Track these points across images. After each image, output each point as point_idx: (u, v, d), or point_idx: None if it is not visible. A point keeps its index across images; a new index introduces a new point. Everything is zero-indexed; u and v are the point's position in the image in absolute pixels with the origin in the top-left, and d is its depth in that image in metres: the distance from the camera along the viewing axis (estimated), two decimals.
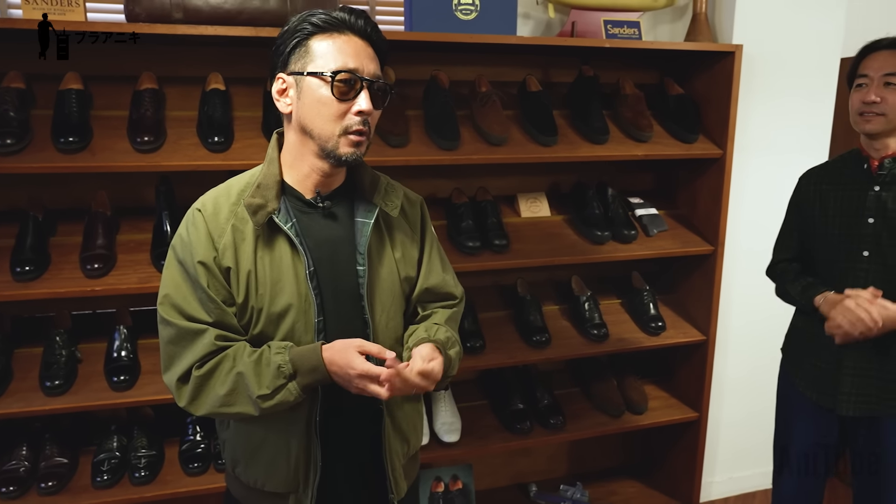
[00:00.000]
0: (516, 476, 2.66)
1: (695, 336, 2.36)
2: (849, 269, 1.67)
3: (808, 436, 1.84)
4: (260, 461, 1.20)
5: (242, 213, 1.14)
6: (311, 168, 1.16)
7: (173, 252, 1.16)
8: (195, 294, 1.12)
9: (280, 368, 1.10)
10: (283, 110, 1.14)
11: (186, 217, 1.16)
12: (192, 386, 1.12)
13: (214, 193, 1.18)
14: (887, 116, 1.58)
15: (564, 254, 2.15)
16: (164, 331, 1.15)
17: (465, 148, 2.00)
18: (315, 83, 1.09)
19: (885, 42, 1.61)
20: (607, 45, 2.02)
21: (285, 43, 1.11)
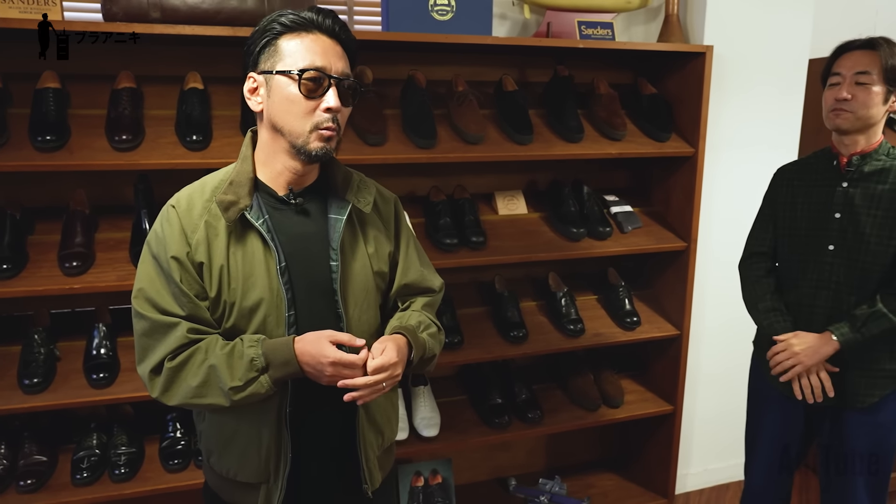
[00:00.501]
0: (496, 470, 2.70)
1: (669, 331, 2.41)
2: (815, 263, 1.73)
3: (775, 427, 1.89)
4: (232, 452, 1.23)
5: (215, 209, 1.16)
6: (283, 165, 1.19)
7: (148, 247, 1.19)
8: (168, 288, 1.15)
9: (253, 361, 1.12)
10: (255, 108, 1.17)
11: (161, 213, 1.19)
12: (164, 377, 1.15)
13: (189, 190, 1.21)
14: (857, 113, 1.63)
15: (541, 250, 2.18)
16: (137, 324, 1.18)
17: (442, 146, 2.03)
18: (284, 81, 1.12)
19: (858, 43, 1.67)
20: (581, 45, 2.07)
21: (255, 43, 1.14)
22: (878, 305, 1.63)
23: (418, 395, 2.29)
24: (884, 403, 1.71)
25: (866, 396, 1.70)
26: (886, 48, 1.62)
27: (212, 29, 1.69)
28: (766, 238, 1.86)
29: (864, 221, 1.65)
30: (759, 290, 1.84)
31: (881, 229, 1.63)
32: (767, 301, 1.81)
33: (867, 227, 1.64)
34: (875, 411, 1.71)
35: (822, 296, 1.72)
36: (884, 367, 1.69)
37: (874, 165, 1.66)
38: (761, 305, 1.82)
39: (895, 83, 1.62)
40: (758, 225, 1.90)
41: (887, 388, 1.70)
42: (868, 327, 1.63)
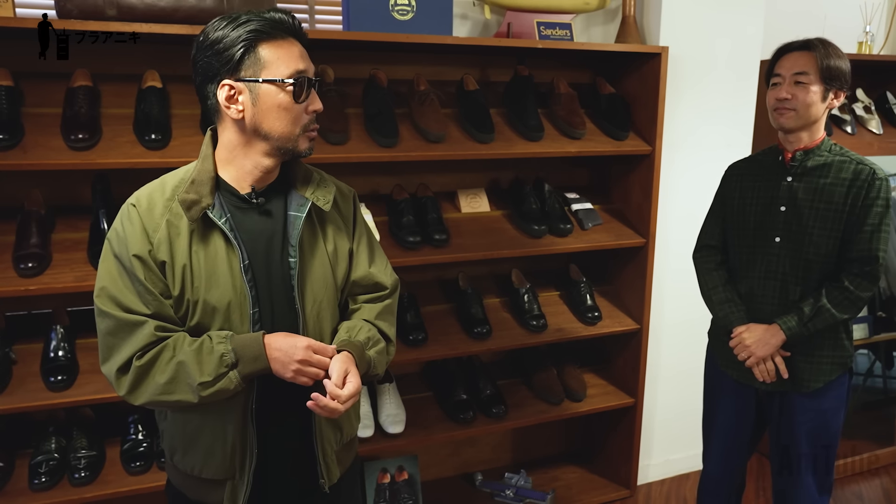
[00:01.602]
0: (462, 466, 2.72)
1: (629, 325, 2.47)
2: (763, 255, 1.80)
3: (730, 414, 1.95)
4: (197, 449, 1.23)
5: (177, 208, 1.16)
6: (253, 166, 1.19)
7: (109, 245, 1.18)
8: (132, 287, 1.15)
9: (223, 357, 1.14)
10: (234, 117, 1.15)
11: (121, 212, 1.19)
12: (132, 376, 1.15)
13: (149, 189, 1.21)
14: (798, 112, 1.71)
15: (504, 247, 2.22)
16: (101, 322, 1.17)
17: (404, 145, 2.05)
18: (273, 90, 1.14)
19: (796, 44, 1.75)
20: (540, 45, 2.10)
21: (229, 50, 1.12)
22: (823, 301, 1.70)
23: (383, 393, 2.31)
24: (828, 389, 1.79)
25: (811, 381, 1.78)
26: (822, 49, 1.70)
27: (170, 27, 1.68)
28: (716, 231, 1.93)
29: (808, 214, 1.72)
30: (711, 282, 1.90)
31: (823, 221, 1.71)
32: (721, 292, 1.87)
33: (810, 220, 1.72)
34: (820, 396, 1.79)
35: (770, 286, 1.79)
36: (826, 354, 1.77)
37: (817, 161, 1.74)
38: (715, 297, 1.88)
39: (831, 82, 1.69)
40: (709, 219, 1.96)
41: (831, 374, 1.78)
42: (814, 322, 1.72)
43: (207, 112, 1.21)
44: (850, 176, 1.69)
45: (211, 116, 1.21)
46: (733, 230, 1.87)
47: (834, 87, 1.70)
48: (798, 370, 1.78)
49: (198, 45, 1.15)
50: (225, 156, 1.20)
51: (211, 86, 1.15)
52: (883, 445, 2.94)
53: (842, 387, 1.80)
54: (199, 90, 1.18)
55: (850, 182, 1.69)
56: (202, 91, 1.17)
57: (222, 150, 1.21)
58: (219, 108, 1.16)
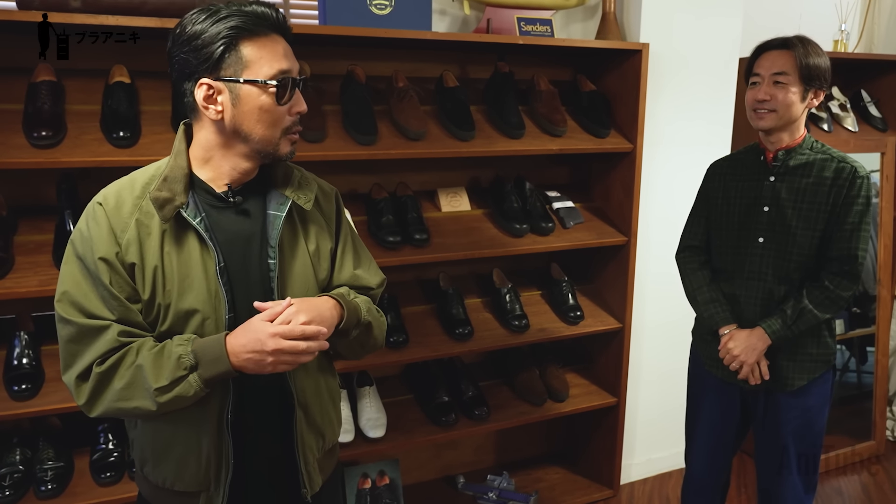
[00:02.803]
0: (444, 469, 2.68)
1: (611, 324, 2.45)
2: (747, 255, 1.78)
3: (714, 413, 1.94)
4: (169, 460, 1.17)
5: (148, 206, 1.10)
6: (231, 167, 1.14)
7: (72, 247, 1.11)
8: (96, 291, 1.09)
9: (180, 359, 1.07)
10: (213, 118, 1.09)
11: (87, 211, 1.12)
12: (91, 383, 1.09)
13: (117, 186, 1.14)
14: (778, 112, 1.69)
15: (485, 247, 2.18)
16: (63, 329, 1.11)
17: (383, 143, 2.00)
18: (254, 91, 1.08)
19: (775, 43, 1.73)
20: (521, 41, 2.07)
21: (209, 47, 1.05)
22: (805, 302, 1.70)
23: (363, 396, 2.26)
24: (811, 387, 1.78)
25: (794, 380, 1.77)
26: (801, 48, 1.68)
27: (138, 20, 1.62)
28: (698, 232, 1.91)
29: (791, 214, 1.71)
30: (696, 282, 1.88)
31: (806, 221, 1.70)
32: (706, 292, 1.86)
33: (793, 220, 1.71)
34: (803, 394, 1.79)
35: (754, 287, 1.78)
36: (810, 352, 1.77)
37: (799, 160, 1.73)
38: (700, 297, 1.86)
39: (811, 81, 1.67)
40: (691, 219, 1.95)
41: (815, 372, 1.77)
42: (797, 324, 1.71)
43: (181, 107, 1.14)
44: (832, 174, 1.68)
45: (186, 112, 1.15)
46: (717, 231, 1.85)
47: (814, 87, 1.69)
48: (782, 369, 1.77)
49: (174, 38, 1.08)
50: (201, 154, 1.15)
51: (188, 83, 1.09)
52: (860, 440, 2.97)
53: (825, 384, 1.80)
54: (174, 86, 1.13)
55: (831, 180, 1.68)
56: (178, 87, 1.11)
57: (198, 148, 1.14)
58: (195, 107, 1.10)
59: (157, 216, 1.09)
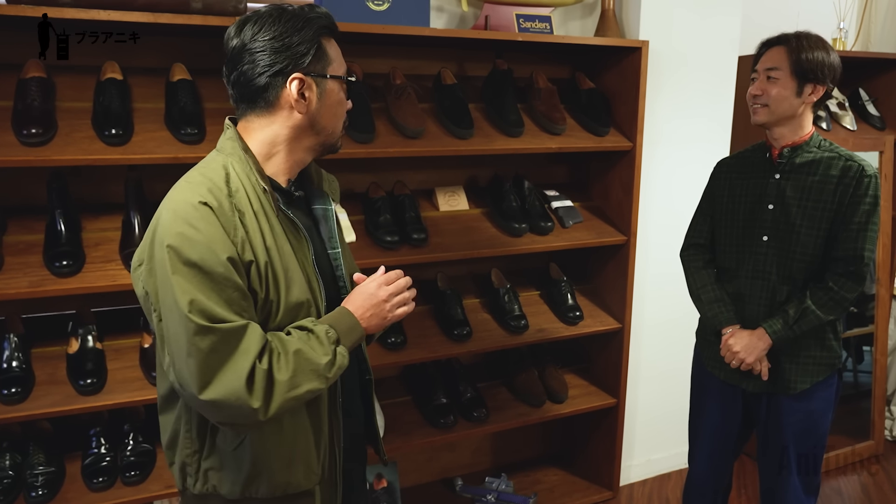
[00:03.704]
0: (441, 471, 2.65)
1: (611, 324, 2.43)
2: (751, 254, 1.76)
3: (716, 415, 1.92)
4: (292, 460, 1.17)
5: (241, 204, 1.10)
6: (296, 161, 1.19)
7: (176, 254, 1.03)
8: (222, 295, 1.04)
9: (328, 334, 1.13)
10: (301, 111, 1.13)
11: (187, 213, 1.05)
12: (261, 383, 1.05)
13: (204, 188, 1.08)
14: (769, 107, 1.68)
15: (483, 246, 2.15)
16: (203, 341, 1.02)
17: (381, 141, 1.97)
18: (336, 87, 1.17)
19: (773, 39, 1.72)
20: (520, 38, 2.04)
21: (304, 44, 1.11)
22: (808, 302, 1.67)
23: None
24: (815, 390, 1.76)
25: (797, 383, 1.75)
26: (795, 43, 1.67)
27: (130, 15, 1.58)
28: (703, 230, 1.89)
29: (795, 212, 1.69)
30: (700, 281, 1.86)
31: (811, 220, 1.67)
32: (710, 291, 1.83)
33: (798, 218, 1.68)
34: (807, 398, 1.76)
35: (758, 286, 1.76)
36: (813, 355, 1.74)
37: (805, 157, 1.70)
38: (704, 296, 1.84)
39: (806, 76, 1.65)
40: (697, 217, 1.93)
41: (819, 375, 1.75)
42: (799, 324, 1.69)
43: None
44: (839, 173, 1.66)
45: (244, 108, 1.16)
46: (722, 229, 1.83)
47: (810, 82, 1.66)
48: (784, 372, 1.75)
49: (256, 34, 1.10)
50: (265, 150, 1.16)
51: (276, 78, 1.11)
52: (859, 440, 2.96)
53: (829, 388, 1.77)
54: (246, 81, 1.12)
55: (838, 179, 1.66)
56: (252, 84, 1.11)
57: (262, 144, 1.16)
58: (278, 100, 1.12)
59: (250, 212, 1.10)
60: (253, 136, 1.16)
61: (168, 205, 1.08)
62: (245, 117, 1.17)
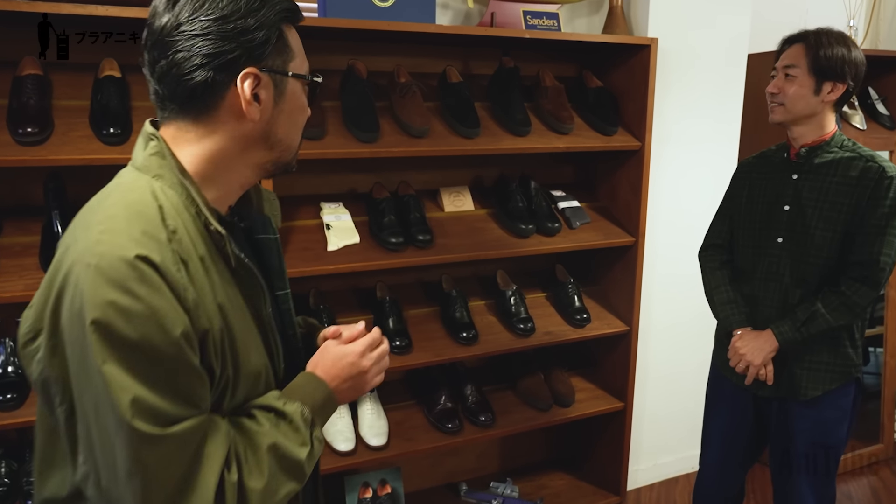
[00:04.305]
0: (446, 475, 2.61)
1: (618, 327, 2.38)
2: (765, 256, 1.72)
3: (726, 419, 1.89)
4: None
5: (185, 250, 0.81)
6: (239, 183, 0.92)
7: (109, 336, 0.73)
8: (174, 384, 0.77)
9: (303, 416, 0.89)
10: (253, 117, 0.85)
11: (117, 274, 0.74)
12: (233, 498, 0.81)
13: (136, 230, 0.78)
14: (786, 106, 1.64)
15: (490, 248, 2.11)
16: (151, 454, 0.75)
17: (385, 140, 1.93)
18: (298, 88, 0.90)
19: (793, 36, 1.69)
20: (528, 35, 2.00)
21: (260, 31, 0.84)
22: (817, 305, 1.63)
23: (364, 402, 2.18)
24: (827, 398, 1.70)
25: (808, 389, 1.70)
26: (813, 40, 1.63)
27: (129, 10, 1.54)
28: (722, 230, 1.86)
29: (811, 214, 1.64)
30: (714, 281, 1.82)
31: (826, 222, 1.63)
32: (723, 293, 1.79)
33: (813, 220, 1.64)
34: (819, 405, 1.71)
35: (771, 288, 1.72)
36: (825, 361, 1.69)
37: (825, 157, 1.66)
38: (717, 297, 1.80)
39: (824, 73, 1.61)
40: (717, 217, 1.89)
41: (832, 383, 1.69)
42: (807, 327, 1.64)
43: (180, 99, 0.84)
44: (858, 174, 1.61)
45: (177, 110, 0.86)
46: (740, 229, 1.79)
47: (829, 79, 1.62)
48: (794, 377, 1.71)
49: (194, 15, 0.82)
50: (202, 170, 0.87)
51: (225, 73, 0.83)
52: (868, 443, 2.92)
53: (845, 397, 1.71)
54: (179, 74, 0.82)
55: (856, 180, 1.61)
56: (194, 77, 0.82)
57: (202, 162, 0.87)
58: (222, 103, 0.84)
59: (195, 261, 0.82)
60: (185, 149, 0.86)
61: (85, 257, 0.76)
62: (173, 122, 0.87)
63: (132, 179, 0.86)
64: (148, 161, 0.86)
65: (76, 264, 0.76)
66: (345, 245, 1.97)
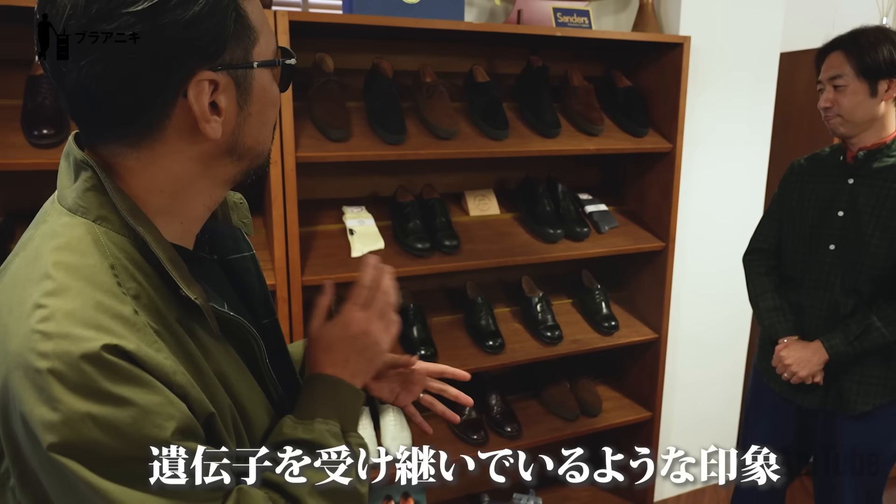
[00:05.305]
0: (467, 486, 2.54)
1: (647, 334, 2.31)
2: (816, 263, 1.65)
3: (766, 430, 1.82)
4: None
5: (158, 318, 0.65)
6: (206, 206, 0.73)
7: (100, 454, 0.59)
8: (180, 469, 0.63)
9: (331, 433, 0.75)
10: (212, 134, 0.66)
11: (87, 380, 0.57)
12: None
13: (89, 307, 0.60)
14: (843, 117, 1.57)
15: (517, 254, 2.04)
16: None
17: (412, 142, 1.85)
18: (267, 78, 0.70)
19: (828, 46, 1.62)
20: (559, 33, 1.93)
21: (213, 13, 0.62)
22: (872, 318, 1.56)
23: (387, 412, 2.11)
24: (878, 413, 1.63)
25: (857, 403, 1.63)
26: (851, 43, 1.55)
27: None
28: (769, 234, 1.78)
29: (867, 221, 1.57)
30: (760, 287, 1.75)
31: (884, 230, 1.55)
32: (769, 299, 1.72)
33: (869, 227, 1.56)
34: (870, 420, 1.64)
35: (820, 297, 1.64)
36: (878, 374, 1.62)
37: (885, 162, 1.58)
38: (763, 304, 1.73)
39: (875, 74, 1.53)
40: (764, 220, 1.82)
41: (884, 398, 1.62)
42: (860, 341, 1.57)
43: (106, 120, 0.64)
44: None
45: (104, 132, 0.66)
46: (788, 234, 1.72)
47: (883, 78, 1.54)
48: (844, 389, 1.64)
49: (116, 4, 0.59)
50: (162, 204, 0.68)
51: (165, 87, 0.63)
52: None
53: None
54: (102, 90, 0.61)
55: None
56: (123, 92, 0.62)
57: (155, 196, 0.68)
58: (168, 121, 0.65)
59: (172, 326, 0.66)
60: (127, 180, 0.67)
61: (26, 360, 0.58)
62: (104, 147, 0.66)
63: (65, 227, 0.64)
64: (83, 199, 0.65)
65: (13, 371, 0.58)
66: (369, 251, 1.89)
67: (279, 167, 1.66)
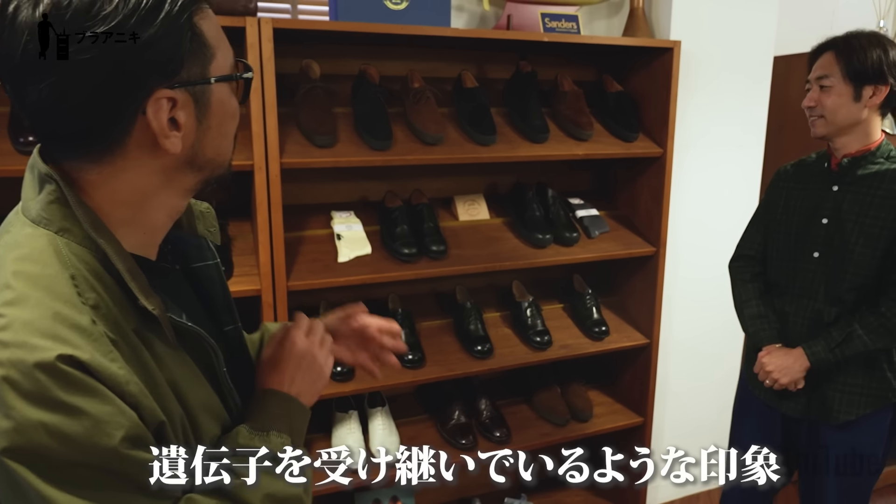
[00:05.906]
0: (458, 491, 2.54)
1: (638, 339, 2.30)
2: (800, 270, 1.64)
3: (751, 438, 1.80)
4: None
5: (115, 328, 0.67)
6: (168, 216, 0.76)
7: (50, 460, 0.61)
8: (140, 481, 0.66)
9: (281, 442, 0.78)
10: (172, 148, 0.68)
11: (40, 388, 0.60)
12: None
13: (49, 326, 0.62)
14: (826, 118, 1.56)
15: (506, 258, 2.04)
16: None
17: (399, 148, 1.86)
18: (225, 92, 0.73)
19: (821, 46, 1.61)
20: (546, 38, 1.93)
21: (169, 33, 0.64)
22: (854, 326, 1.55)
23: (375, 417, 2.12)
24: (861, 423, 1.62)
25: (840, 413, 1.62)
26: (843, 45, 1.54)
27: None
28: (755, 241, 1.77)
29: (851, 229, 1.55)
30: (745, 294, 1.75)
31: (867, 238, 1.53)
32: (753, 307, 1.71)
33: (853, 235, 1.55)
34: (851, 429, 1.63)
35: (804, 305, 1.63)
36: (861, 384, 1.61)
37: (869, 169, 1.56)
38: (747, 311, 1.73)
39: (861, 78, 1.52)
40: (750, 227, 1.81)
41: (866, 407, 1.61)
42: (842, 348, 1.56)
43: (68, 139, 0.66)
44: None
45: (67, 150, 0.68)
46: (773, 242, 1.71)
47: (868, 83, 1.53)
48: (827, 398, 1.62)
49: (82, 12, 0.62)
50: (123, 216, 0.71)
51: (123, 106, 0.65)
52: None
53: (880, 423, 1.62)
54: (60, 111, 0.64)
55: None
56: (84, 112, 0.64)
57: (117, 208, 0.70)
58: (128, 138, 0.67)
59: (129, 335, 0.68)
60: (89, 193, 0.69)
61: None
62: (67, 162, 0.69)
63: (27, 238, 0.67)
64: (46, 211, 0.67)
65: None
66: (356, 256, 1.90)
67: (264, 173, 1.67)
